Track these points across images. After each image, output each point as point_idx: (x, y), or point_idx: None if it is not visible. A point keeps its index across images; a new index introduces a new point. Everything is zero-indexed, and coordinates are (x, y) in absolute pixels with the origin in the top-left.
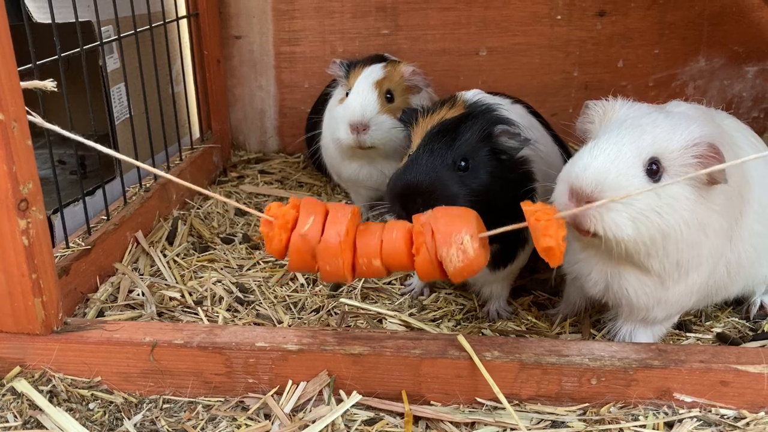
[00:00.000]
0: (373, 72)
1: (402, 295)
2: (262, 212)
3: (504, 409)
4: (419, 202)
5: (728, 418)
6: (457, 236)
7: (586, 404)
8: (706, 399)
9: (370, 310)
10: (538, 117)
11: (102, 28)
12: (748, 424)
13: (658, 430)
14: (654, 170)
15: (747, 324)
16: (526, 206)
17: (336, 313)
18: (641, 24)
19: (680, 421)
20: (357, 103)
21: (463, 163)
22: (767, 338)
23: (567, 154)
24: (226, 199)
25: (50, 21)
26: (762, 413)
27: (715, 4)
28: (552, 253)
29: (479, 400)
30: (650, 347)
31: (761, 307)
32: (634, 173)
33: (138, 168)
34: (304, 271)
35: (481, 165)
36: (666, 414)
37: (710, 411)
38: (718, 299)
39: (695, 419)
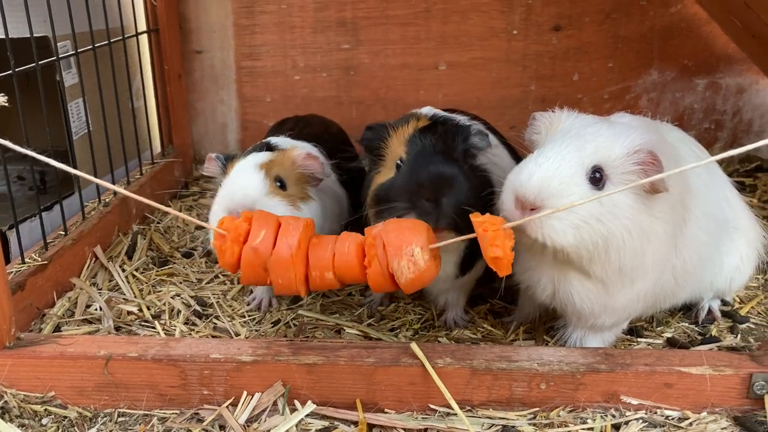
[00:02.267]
0: (257, 156)
1: (361, 306)
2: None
3: (456, 414)
4: (446, 191)
5: (673, 419)
6: (407, 248)
7: (536, 408)
8: (651, 401)
9: (329, 322)
10: (494, 132)
11: (59, 43)
12: (691, 424)
13: None
14: (597, 178)
15: (696, 329)
16: (475, 218)
17: (295, 325)
18: (595, 38)
19: (627, 423)
20: (235, 186)
21: (458, 162)
22: (715, 342)
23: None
24: (177, 213)
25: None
26: (704, 413)
27: (665, 19)
28: (500, 262)
29: (432, 406)
30: (597, 352)
31: (709, 311)
32: (577, 181)
33: (97, 183)
34: (258, 284)
35: (466, 164)
36: (613, 416)
37: (655, 412)
38: (667, 305)
39: (641, 421)
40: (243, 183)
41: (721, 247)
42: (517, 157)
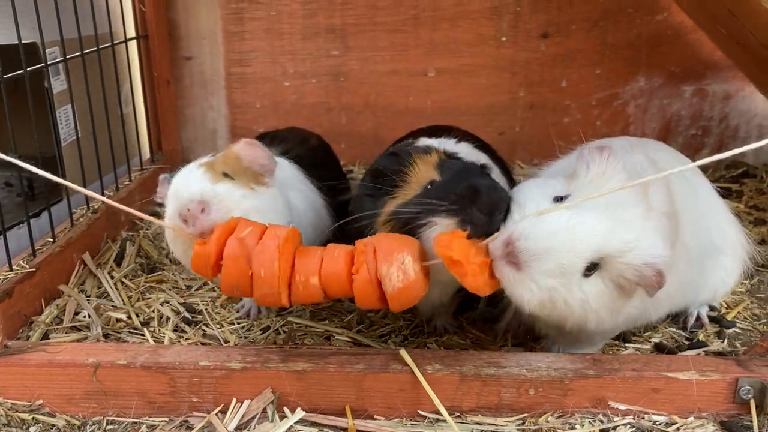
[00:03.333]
0: (199, 160)
1: (350, 312)
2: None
3: (445, 421)
4: (501, 211)
5: (660, 423)
6: (399, 255)
7: (525, 414)
8: (639, 406)
9: (318, 328)
10: (484, 149)
11: (48, 50)
12: (678, 429)
13: None
14: (590, 268)
15: (684, 334)
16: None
17: (284, 332)
18: (583, 45)
19: (615, 428)
20: (178, 185)
21: None
22: (702, 347)
23: (511, 182)
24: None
25: None
26: (691, 418)
27: (652, 26)
28: (460, 269)
29: (421, 412)
30: (585, 357)
31: (697, 318)
32: (577, 269)
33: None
34: (238, 286)
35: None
36: (601, 422)
37: (643, 417)
38: (651, 320)
39: (629, 426)
40: (185, 180)
41: (707, 269)
42: (507, 170)
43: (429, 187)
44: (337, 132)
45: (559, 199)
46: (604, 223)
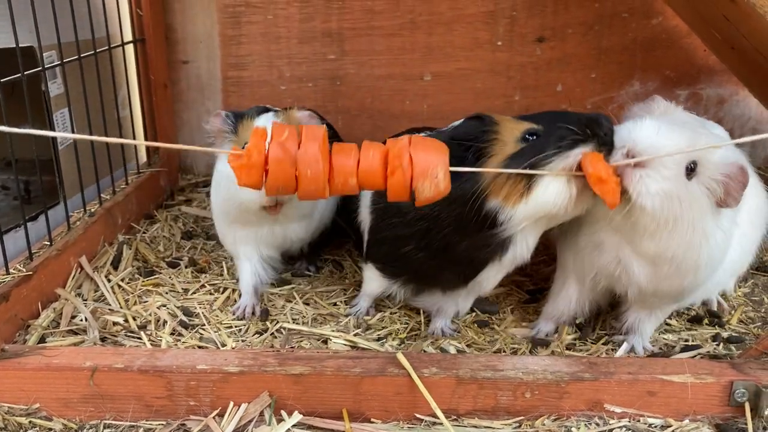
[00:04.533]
0: (269, 116)
1: (347, 316)
2: (209, 238)
3: (442, 424)
4: (609, 127)
5: (656, 426)
6: (433, 170)
7: (521, 417)
8: (634, 409)
9: (314, 333)
10: None
11: (45, 54)
12: (673, 431)
13: None
14: (691, 168)
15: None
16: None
17: (281, 333)
18: (578, 49)
19: (610, 431)
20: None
21: None
22: (697, 349)
23: None
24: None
25: None
26: (686, 421)
27: (647, 30)
28: (604, 186)
29: (418, 416)
30: (581, 360)
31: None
32: (679, 160)
33: (82, 192)
34: (283, 187)
35: None
36: (597, 425)
37: (639, 420)
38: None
39: (624, 428)
40: None
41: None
42: None
43: (530, 137)
44: (334, 136)
45: None
46: (691, 131)
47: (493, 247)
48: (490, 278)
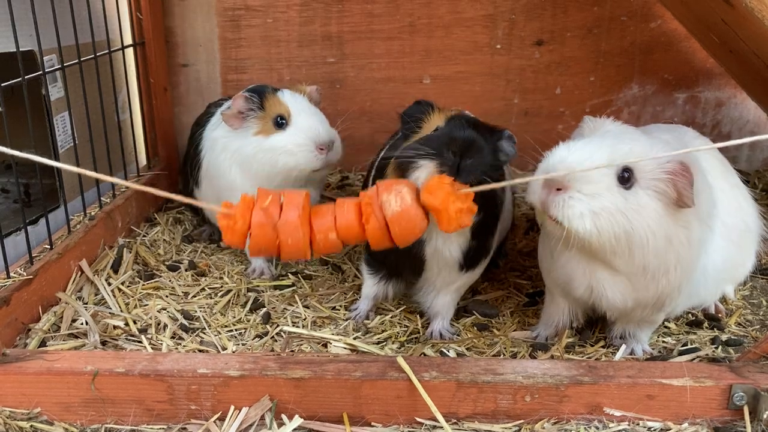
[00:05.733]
0: (296, 94)
1: (347, 319)
2: (211, 242)
3: (442, 427)
4: (473, 155)
5: (654, 430)
6: (397, 186)
7: (521, 421)
8: (634, 412)
9: (315, 336)
10: None
11: (45, 57)
12: None
13: None
14: (626, 177)
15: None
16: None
17: (281, 337)
18: (577, 53)
19: None
20: (317, 122)
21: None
22: (695, 351)
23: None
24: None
25: None
26: (686, 424)
27: (646, 34)
28: (439, 214)
29: (418, 419)
30: (581, 364)
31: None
32: (605, 172)
33: (83, 196)
34: (266, 250)
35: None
36: (597, 428)
37: (638, 424)
38: (704, 291)
39: None
40: (319, 119)
41: (744, 247)
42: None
43: (430, 133)
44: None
45: None
46: (612, 140)
47: None
48: (435, 273)
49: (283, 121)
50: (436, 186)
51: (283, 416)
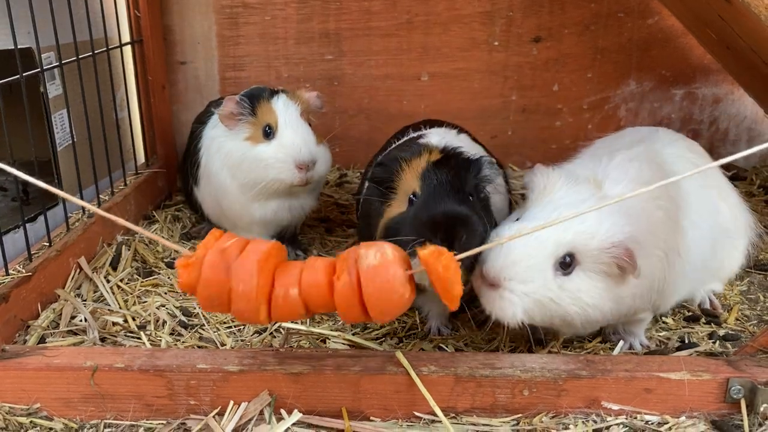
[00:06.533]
0: (290, 103)
1: None
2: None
3: (440, 422)
4: (461, 231)
5: (652, 423)
6: (381, 246)
7: (519, 415)
8: (631, 406)
9: (313, 332)
10: (477, 142)
11: (43, 55)
12: (670, 428)
13: None
14: (567, 263)
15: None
16: (421, 250)
17: (280, 333)
18: (575, 49)
19: (608, 428)
20: (301, 140)
21: (471, 198)
22: (693, 347)
23: (505, 177)
24: (148, 234)
25: None
26: (683, 418)
27: (643, 30)
28: (455, 298)
29: (417, 414)
30: (579, 358)
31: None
32: (543, 267)
33: (81, 193)
34: (217, 299)
35: (477, 198)
36: (594, 422)
37: (636, 417)
38: (672, 300)
39: (622, 426)
40: (303, 137)
41: (720, 249)
42: (499, 164)
43: (412, 198)
44: (331, 136)
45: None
46: (557, 230)
47: None
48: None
49: (270, 132)
50: (440, 255)
51: (282, 411)
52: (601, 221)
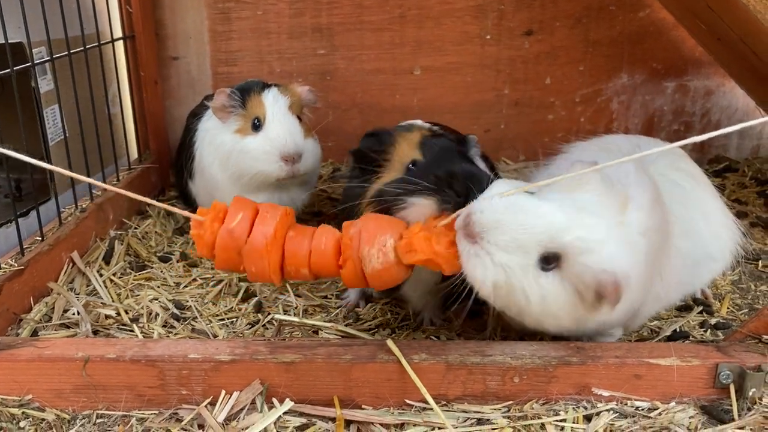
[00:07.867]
0: (279, 97)
1: (338, 307)
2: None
3: (432, 409)
4: (476, 189)
5: (642, 409)
6: (381, 237)
7: (510, 402)
8: (622, 392)
9: (306, 323)
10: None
11: (34, 50)
12: (660, 414)
13: (577, 423)
14: (549, 260)
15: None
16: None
17: (272, 325)
18: (566, 42)
19: (598, 414)
20: (286, 133)
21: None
22: (684, 337)
23: (494, 171)
24: (164, 206)
25: None
26: (673, 403)
27: (634, 23)
28: (431, 263)
29: (408, 401)
30: (569, 345)
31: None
32: (529, 249)
33: (74, 188)
34: (231, 269)
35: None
36: (585, 408)
37: (626, 403)
38: (642, 320)
39: (612, 411)
40: (289, 129)
41: (699, 270)
42: (491, 165)
43: (411, 167)
44: (324, 130)
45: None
46: (565, 214)
47: None
48: (413, 289)
49: (259, 124)
50: (410, 242)
51: (274, 400)
52: (605, 242)
